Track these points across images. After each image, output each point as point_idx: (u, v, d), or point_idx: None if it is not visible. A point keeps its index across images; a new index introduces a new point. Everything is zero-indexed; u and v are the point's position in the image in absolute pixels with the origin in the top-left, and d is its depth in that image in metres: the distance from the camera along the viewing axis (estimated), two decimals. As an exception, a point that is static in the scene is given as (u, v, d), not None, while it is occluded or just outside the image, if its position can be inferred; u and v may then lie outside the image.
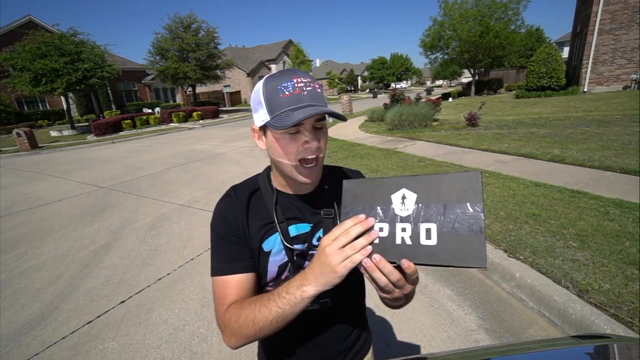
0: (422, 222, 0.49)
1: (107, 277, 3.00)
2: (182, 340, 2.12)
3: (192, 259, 3.19)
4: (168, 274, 2.97)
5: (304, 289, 0.56)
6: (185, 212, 4.49)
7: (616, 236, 2.55)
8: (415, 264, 0.49)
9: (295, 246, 0.72)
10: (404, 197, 0.51)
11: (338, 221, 0.54)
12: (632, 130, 6.07)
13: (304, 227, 0.75)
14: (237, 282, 0.70)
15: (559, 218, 2.97)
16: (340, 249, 0.52)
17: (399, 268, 0.50)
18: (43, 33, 15.12)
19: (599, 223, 2.80)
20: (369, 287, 0.93)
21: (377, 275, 0.50)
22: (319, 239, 0.74)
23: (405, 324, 2.11)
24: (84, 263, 3.30)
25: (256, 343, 0.91)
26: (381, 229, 0.51)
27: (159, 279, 2.88)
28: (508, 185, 3.92)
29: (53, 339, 2.22)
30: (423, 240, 0.49)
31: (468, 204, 0.48)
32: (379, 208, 0.53)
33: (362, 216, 0.53)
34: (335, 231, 0.54)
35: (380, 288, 0.53)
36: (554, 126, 7.37)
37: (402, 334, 2.03)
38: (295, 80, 0.62)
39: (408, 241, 0.50)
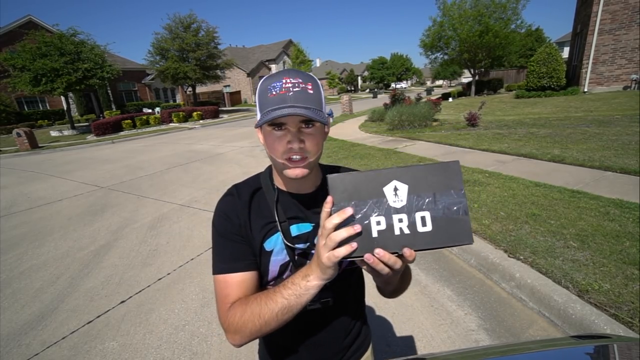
0: (417, 211, 0.52)
1: (107, 277, 3.00)
2: (182, 340, 2.12)
3: (192, 259, 3.19)
4: (168, 274, 2.97)
5: (308, 278, 0.58)
6: (185, 212, 4.50)
7: (616, 236, 2.55)
8: (415, 250, 0.52)
9: (297, 245, 0.72)
10: (396, 189, 0.53)
11: None
12: (632, 131, 6.07)
13: (306, 227, 0.75)
14: (239, 281, 0.70)
15: (559, 218, 2.97)
16: (324, 243, 0.53)
17: (399, 255, 0.53)
18: (43, 33, 15.12)
19: (599, 223, 2.80)
20: (369, 288, 0.94)
21: (381, 267, 0.52)
22: None
23: (405, 324, 2.11)
24: (84, 263, 3.30)
25: (257, 343, 0.91)
26: (378, 223, 0.52)
27: (159, 279, 2.88)
28: (508, 185, 3.92)
29: (53, 339, 2.22)
30: (420, 228, 0.52)
31: (452, 190, 0.53)
32: (371, 202, 0.53)
33: (349, 209, 0.52)
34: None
35: (381, 277, 0.55)
36: (554, 126, 7.37)
37: (402, 334, 2.03)
38: (284, 81, 0.63)
39: (406, 230, 0.52)
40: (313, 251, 0.73)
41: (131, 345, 2.11)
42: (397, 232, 0.52)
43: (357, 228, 0.52)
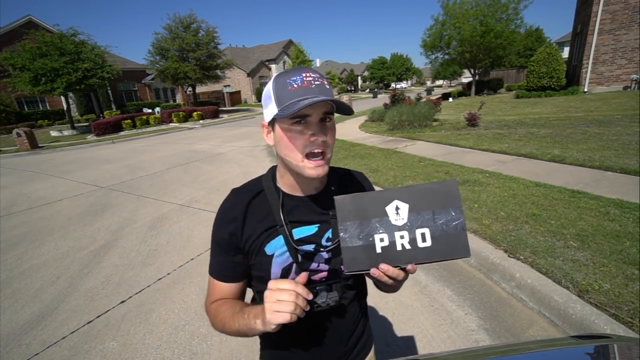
0: (417, 228, 0.57)
1: (107, 277, 2.99)
2: (182, 340, 2.12)
3: (192, 259, 3.19)
4: (168, 273, 2.97)
5: (256, 321, 0.62)
6: (185, 212, 4.50)
7: (616, 236, 2.55)
8: (416, 264, 0.57)
9: (302, 247, 0.72)
10: (397, 208, 0.57)
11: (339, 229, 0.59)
12: (632, 131, 6.07)
13: (310, 229, 0.74)
14: (222, 288, 0.78)
15: (559, 218, 2.97)
16: (277, 300, 0.58)
17: (401, 268, 0.58)
18: (43, 33, 15.09)
19: (599, 223, 2.80)
20: (369, 288, 0.94)
21: (385, 279, 0.58)
22: (327, 239, 0.74)
23: (405, 324, 2.11)
24: (84, 263, 3.30)
25: (257, 343, 0.91)
26: (382, 240, 0.57)
27: (159, 279, 2.88)
28: (508, 186, 3.92)
29: (53, 339, 2.22)
30: (420, 244, 0.57)
31: (451, 209, 0.57)
32: (374, 220, 0.57)
33: (301, 281, 0.62)
34: (281, 283, 0.60)
35: (385, 287, 0.61)
36: (554, 126, 7.36)
37: (402, 334, 2.03)
38: (304, 75, 0.64)
39: (407, 246, 0.57)
40: (320, 252, 0.73)
41: (131, 345, 2.11)
42: (399, 247, 0.57)
43: (300, 302, 0.58)
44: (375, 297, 2.34)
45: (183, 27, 23.10)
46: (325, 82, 0.66)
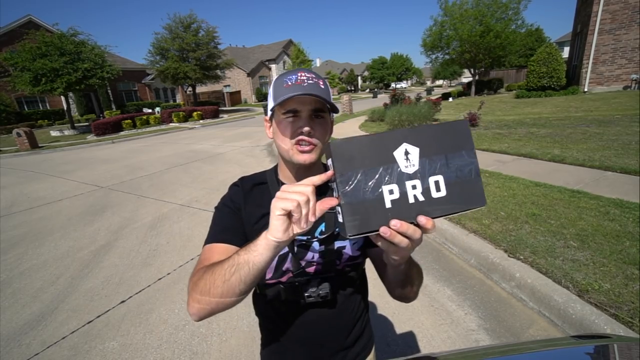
0: (430, 176, 0.48)
1: (107, 277, 3.00)
2: (182, 340, 2.12)
3: (192, 259, 3.19)
4: (168, 273, 2.97)
5: (260, 236, 0.55)
6: (185, 212, 4.50)
7: (616, 236, 2.55)
8: (433, 218, 0.48)
9: (297, 237, 0.73)
10: (407, 153, 0.48)
11: (339, 213, 0.50)
12: (632, 130, 6.07)
13: None
14: (224, 248, 0.70)
15: (559, 218, 2.97)
16: (284, 198, 0.51)
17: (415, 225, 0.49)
18: (43, 33, 15.09)
19: (599, 223, 2.80)
20: (369, 289, 0.94)
21: (399, 239, 0.48)
22: (321, 232, 0.77)
23: (405, 324, 2.11)
24: (84, 263, 3.30)
25: (258, 343, 0.91)
26: (391, 192, 0.47)
27: (159, 279, 2.88)
28: (508, 185, 3.91)
29: (53, 339, 2.22)
30: (434, 194, 0.48)
31: (464, 151, 0.49)
32: (382, 169, 0.47)
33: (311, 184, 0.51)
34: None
35: (399, 252, 0.51)
36: (554, 126, 7.36)
37: (402, 334, 2.03)
38: (299, 74, 0.70)
39: (421, 198, 0.48)
40: (314, 242, 0.76)
41: (131, 345, 2.11)
42: (411, 200, 0.48)
43: (310, 196, 0.50)
44: (375, 297, 2.34)
45: (183, 27, 23.10)
46: (321, 82, 0.70)
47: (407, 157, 0.48)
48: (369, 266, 0.87)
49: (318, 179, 0.51)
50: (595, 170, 4.21)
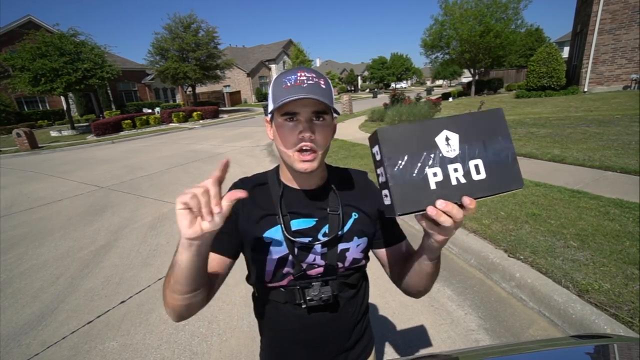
0: (470, 160, 0.52)
1: (107, 277, 2.99)
2: (182, 340, 2.12)
3: (192, 259, 3.18)
4: (168, 274, 2.96)
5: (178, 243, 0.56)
6: (185, 212, 4.49)
7: (616, 236, 2.55)
8: (475, 198, 0.52)
9: (298, 239, 0.73)
10: (447, 139, 0.52)
11: (386, 196, 0.52)
12: (632, 130, 6.07)
13: (308, 222, 0.75)
14: (218, 260, 0.74)
15: (559, 218, 2.97)
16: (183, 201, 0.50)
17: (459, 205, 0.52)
18: (43, 33, 15.09)
19: (599, 223, 2.80)
20: (371, 288, 0.94)
21: (444, 218, 0.50)
22: (324, 234, 0.75)
23: (405, 324, 2.11)
24: (84, 263, 3.30)
25: (258, 343, 0.91)
26: (435, 174, 0.51)
27: (159, 279, 2.88)
28: (508, 185, 3.91)
29: (53, 339, 2.22)
30: (475, 176, 0.52)
31: (500, 137, 0.53)
32: (425, 153, 0.51)
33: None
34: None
35: (442, 232, 0.55)
36: (554, 126, 7.36)
37: (402, 334, 2.03)
38: (298, 74, 0.66)
39: (462, 180, 0.52)
40: (316, 245, 0.74)
41: (131, 345, 2.11)
42: (454, 182, 0.51)
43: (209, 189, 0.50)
44: (375, 297, 2.34)
45: (183, 27, 23.11)
46: (322, 82, 0.67)
47: (448, 142, 0.52)
48: (368, 267, 0.86)
49: (218, 171, 0.53)
50: (595, 170, 4.21)
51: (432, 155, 0.51)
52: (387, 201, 0.53)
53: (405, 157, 0.51)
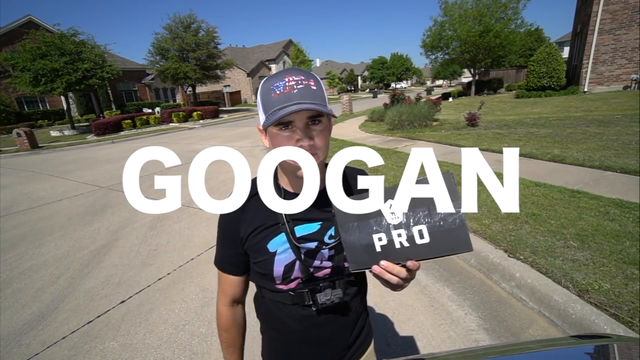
0: (414, 226, 0.57)
1: (107, 277, 3.00)
2: (182, 340, 2.12)
3: (192, 259, 3.19)
4: (168, 273, 2.97)
5: None
6: (185, 212, 4.49)
7: (616, 236, 2.55)
8: (417, 260, 0.58)
9: (304, 245, 0.73)
10: (391, 207, 0.58)
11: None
12: (632, 130, 6.07)
13: (312, 227, 0.75)
14: (230, 282, 0.82)
15: (559, 218, 2.97)
16: None
17: (402, 265, 0.59)
18: (43, 33, 15.08)
19: (599, 223, 2.80)
20: (369, 289, 0.94)
21: (388, 276, 0.58)
22: (330, 237, 0.75)
23: (405, 324, 2.11)
24: (84, 263, 3.30)
25: (258, 343, 0.91)
26: (380, 239, 0.58)
27: (159, 279, 2.88)
28: (508, 185, 3.91)
29: (53, 339, 2.22)
30: (418, 240, 0.57)
31: (448, 202, 0.56)
32: (372, 221, 0.59)
33: None
34: None
35: (391, 286, 0.62)
36: (554, 126, 7.36)
37: (402, 334, 2.03)
38: (286, 80, 0.63)
39: (406, 244, 0.58)
40: (323, 250, 0.74)
41: (131, 345, 2.11)
42: (397, 245, 0.58)
43: None
44: (375, 297, 2.34)
45: (183, 27, 23.10)
46: (312, 83, 0.64)
47: (392, 210, 0.58)
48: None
49: None
50: (595, 170, 4.21)
51: (377, 223, 0.59)
52: (346, 256, 0.63)
53: (355, 225, 0.59)
